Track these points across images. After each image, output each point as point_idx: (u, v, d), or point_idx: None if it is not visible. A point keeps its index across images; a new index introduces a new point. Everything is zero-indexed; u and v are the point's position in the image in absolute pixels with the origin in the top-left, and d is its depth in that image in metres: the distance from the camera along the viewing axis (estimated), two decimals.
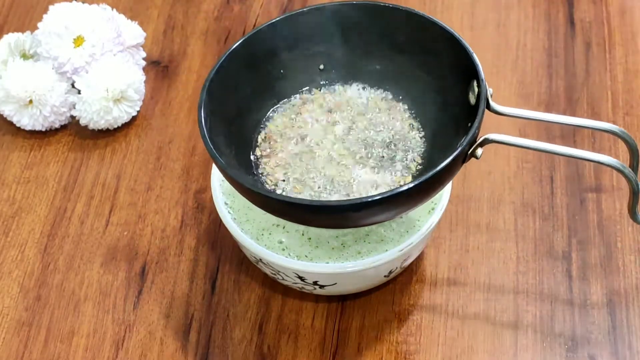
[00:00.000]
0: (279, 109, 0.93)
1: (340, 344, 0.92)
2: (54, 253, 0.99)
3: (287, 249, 0.91)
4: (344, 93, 0.93)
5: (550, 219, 0.99)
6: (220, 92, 0.87)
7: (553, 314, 0.92)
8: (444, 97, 0.89)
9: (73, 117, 1.08)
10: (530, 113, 0.85)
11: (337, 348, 0.92)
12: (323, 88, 0.94)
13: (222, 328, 0.93)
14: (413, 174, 0.88)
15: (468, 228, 0.98)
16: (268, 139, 0.91)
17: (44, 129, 1.07)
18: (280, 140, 0.91)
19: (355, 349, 0.91)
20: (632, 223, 0.97)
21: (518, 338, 0.91)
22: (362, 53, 0.93)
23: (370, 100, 0.92)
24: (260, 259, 0.89)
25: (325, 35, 0.92)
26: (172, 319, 0.94)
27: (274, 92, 0.93)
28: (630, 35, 1.13)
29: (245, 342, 0.92)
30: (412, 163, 0.89)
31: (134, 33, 1.09)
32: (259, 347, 0.92)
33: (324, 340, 0.92)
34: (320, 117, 0.92)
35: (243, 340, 0.92)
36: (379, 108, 0.92)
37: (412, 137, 0.90)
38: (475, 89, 0.85)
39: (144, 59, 1.11)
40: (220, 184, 0.93)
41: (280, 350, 0.92)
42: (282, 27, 0.91)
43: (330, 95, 0.93)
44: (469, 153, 0.83)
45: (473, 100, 0.85)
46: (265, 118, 0.92)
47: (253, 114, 0.92)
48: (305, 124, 0.91)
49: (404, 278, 0.95)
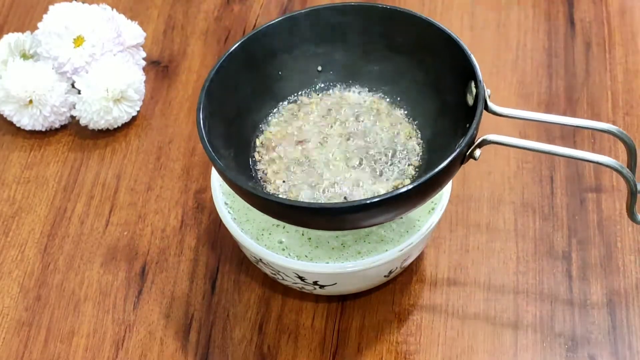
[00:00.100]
0: (277, 114, 0.92)
1: (340, 344, 0.92)
2: (54, 253, 0.99)
3: (287, 249, 0.91)
4: (342, 97, 0.93)
5: (550, 219, 0.98)
6: (219, 93, 0.87)
7: (553, 314, 0.92)
8: (443, 98, 0.89)
9: (73, 117, 1.08)
10: (528, 114, 0.85)
11: (337, 348, 0.92)
12: (321, 92, 0.94)
13: (222, 328, 0.93)
14: (412, 176, 0.88)
15: (468, 228, 0.98)
16: (266, 144, 0.91)
17: (44, 129, 1.07)
18: (278, 145, 0.90)
19: (355, 349, 0.91)
20: (632, 223, 0.97)
21: (518, 338, 0.91)
22: (360, 54, 0.93)
23: (368, 105, 0.92)
24: (260, 259, 0.89)
25: (324, 37, 0.92)
26: (172, 319, 0.94)
27: (273, 93, 0.93)
28: (630, 35, 1.13)
29: (245, 342, 0.92)
30: (409, 166, 0.89)
31: (134, 33, 1.09)
32: (259, 347, 0.92)
33: (324, 340, 0.92)
34: (318, 122, 0.92)
35: (243, 340, 0.92)
36: (377, 112, 0.92)
37: (410, 140, 0.90)
38: (473, 90, 0.85)
39: (144, 59, 1.11)
40: (220, 184, 0.93)
41: (280, 350, 0.92)
42: (280, 28, 0.91)
43: (328, 100, 0.93)
44: (467, 154, 0.83)
45: (471, 102, 0.85)
46: (264, 121, 0.92)
47: (252, 115, 0.92)
48: (303, 129, 0.91)
49: (404, 278, 0.95)
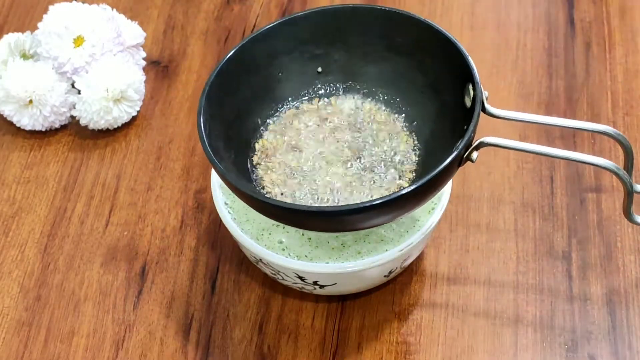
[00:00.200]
0: (275, 119, 0.93)
1: (340, 344, 0.92)
2: (54, 253, 0.99)
3: (287, 249, 0.91)
4: (340, 103, 0.93)
5: (550, 219, 0.98)
6: (220, 96, 0.87)
7: (553, 314, 0.92)
8: (441, 99, 0.90)
9: (73, 117, 1.08)
10: (525, 115, 0.85)
11: (337, 348, 0.92)
12: (319, 98, 0.94)
13: (222, 328, 0.93)
14: (409, 179, 0.88)
15: (468, 228, 0.98)
16: (263, 151, 0.91)
17: (44, 129, 1.07)
18: (275, 153, 0.90)
19: (355, 349, 0.91)
20: (632, 224, 0.97)
21: (518, 338, 0.91)
22: (360, 55, 0.93)
23: (365, 112, 0.92)
24: (260, 259, 0.89)
25: (323, 39, 0.92)
26: (172, 319, 0.94)
27: (274, 94, 0.93)
28: (630, 35, 1.13)
29: (245, 342, 0.92)
30: (406, 169, 0.89)
31: (134, 33, 1.09)
32: (259, 347, 0.92)
33: (324, 340, 0.92)
34: (315, 129, 0.92)
35: (243, 340, 0.92)
36: (374, 119, 0.92)
37: (407, 146, 0.90)
38: (471, 93, 0.85)
39: (144, 59, 1.11)
40: (220, 184, 0.93)
41: (280, 350, 0.92)
42: (280, 30, 0.91)
43: (325, 107, 0.93)
44: (465, 157, 0.83)
45: (469, 103, 0.85)
46: (264, 125, 0.92)
47: (253, 117, 0.92)
48: (299, 137, 0.91)
49: (404, 278, 0.95)
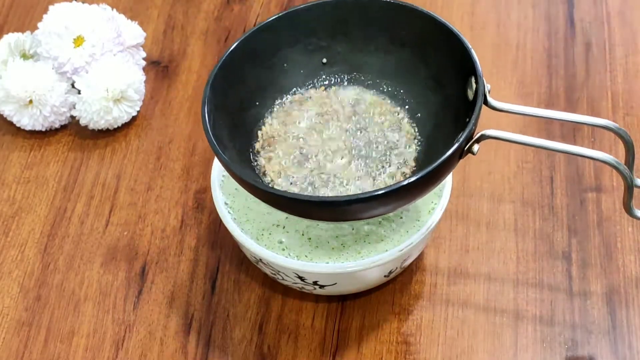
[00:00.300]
0: (278, 108, 0.93)
1: (340, 344, 0.92)
2: (54, 253, 0.99)
3: (287, 249, 0.91)
4: (342, 93, 0.93)
5: (550, 219, 0.98)
6: (224, 86, 0.88)
7: (553, 314, 0.92)
8: (444, 92, 0.90)
9: (73, 117, 1.08)
10: (527, 109, 0.85)
11: (337, 348, 0.92)
12: (322, 87, 0.94)
13: (222, 328, 0.93)
14: (411, 170, 0.88)
15: (468, 228, 0.98)
16: (266, 140, 0.91)
17: (44, 129, 1.07)
18: (277, 142, 0.91)
19: (355, 349, 0.91)
20: (632, 223, 0.97)
21: (518, 338, 0.91)
22: (363, 47, 0.93)
23: (368, 102, 0.93)
24: (260, 259, 0.89)
25: (328, 30, 0.92)
26: (172, 319, 0.94)
27: (278, 86, 0.93)
28: (630, 35, 1.13)
29: (245, 342, 0.92)
30: (407, 161, 0.89)
31: (134, 33, 1.09)
32: (259, 347, 0.92)
33: (324, 340, 0.92)
34: (318, 117, 0.92)
35: (243, 340, 0.92)
36: (377, 110, 0.92)
37: (408, 137, 0.90)
38: (473, 85, 0.85)
39: (144, 59, 1.11)
40: (220, 184, 0.93)
41: (280, 350, 0.91)
42: (285, 22, 0.91)
43: (328, 95, 0.93)
44: (466, 149, 0.83)
45: (471, 96, 0.85)
46: (266, 115, 0.92)
47: (257, 108, 0.92)
48: (302, 126, 0.91)
49: (404, 278, 0.95)
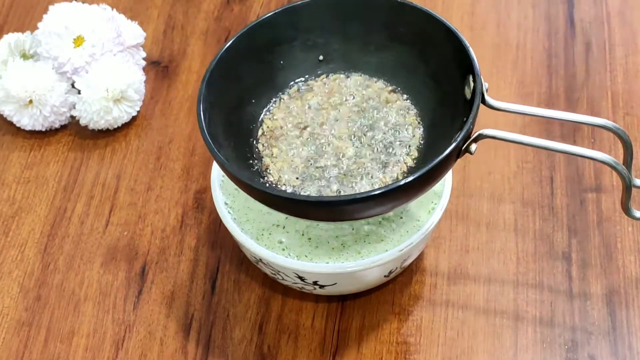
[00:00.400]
0: (277, 103, 0.93)
1: (340, 344, 0.92)
2: (54, 253, 0.99)
3: (287, 249, 0.91)
4: (343, 86, 0.93)
5: (550, 219, 0.98)
6: (220, 84, 0.88)
7: (553, 315, 0.92)
8: (442, 90, 0.89)
9: (73, 117, 1.08)
10: (524, 108, 0.85)
11: (337, 348, 0.92)
12: (321, 79, 0.94)
13: (222, 328, 0.93)
14: (410, 167, 0.88)
15: (468, 228, 0.98)
16: (267, 134, 0.91)
17: (44, 129, 1.07)
18: (278, 135, 0.90)
19: (355, 349, 0.91)
20: (632, 223, 0.97)
21: (518, 338, 0.91)
22: (361, 44, 0.93)
23: (369, 93, 0.92)
24: (260, 259, 0.89)
25: (325, 27, 0.92)
26: (172, 319, 0.94)
27: (274, 83, 0.93)
28: (630, 35, 1.13)
29: (245, 342, 0.92)
30: (408, 156, 0.89)
31: (134, 33, 1.09)
32: (259, 347, 0.92)
33: (324, 340, 0.92)
34: (318, 110, 0.92)
35: (243, 340, 0.92)
36: (378, 101, 0.92)
37: (409, 130, 0.90)
38: (471, 84, 0.85)
39: (144, 59, 1.11)
40: (220, 184, 0.93)
41: (280, 350, 0.92)
42: (282, 18, 0.91)
43: (329, 88, 0.93)
44: (463, 149, 0.83)
45: (469, 95, 0.85)
46: (264, 111, 0.92)
47: (254, 105, 0.92)
48: (303, 118, 0.91)
49: (404, 278, 0.95)
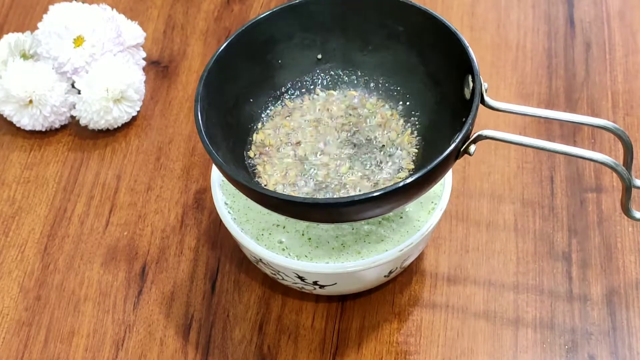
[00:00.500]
0: (271, 112, 0.92)
1: (340, 344, 0.92)
2: (54, 253, 0.99)
3: (287, 249, 0.91)
4: (339, 95, 0.93)
5: (551, 220, 0.98)
6: (218, 83, 0.87)
7: (553, 315, 0.92)
8: (442, 90, 0.89)
9: (73, 117, 1.08)
10: (523, 108, 0.85)
11: (337, 348, 0.92)
12: (317, 90, 0.94)
13: (222, 328, 0.93)
14: (409, 169, 0.88)
15: (468, 228, 0.98)
16: (261, 143, 0.91)
17: (44, 129, 1.07)
18: (274, 143, 0.90)
19: (355, 349, 0.91)
20: (632, 223, 0.97)
21: (518, 339, 0.91)
22: (360, 43, 0.93)
23: (365, 102, 0.92)
24: (260, 259, 0.89)
25: (324, 25, 0.92)
26: (172, 319, 0.94)
27: (273, 82, 0.93)
28: (630, 35, 1.13)
29: (245, 342, 0.92)
30: (406, 159, 0.89)
31: (134, 33, 1.09)
32: (259, 347, 0.92)
33: (324, 341, 0.92)
34: (314, 119, 0.92)
35: (243, 340, 0.92)
36: (372, 111, 0.92)
37: (405, 137, 0.90)
38: (471, 84, 0.84)
39: (144, 59, 1.11)
40: (220, 184, 0.93)
41: (280, 351, 0.92)
42: (279, 17, 0.91)
43: (324, 97, 0.93)
44: (462, 150, 0.83)
45: (468, 95, 0.85)
46: (262, 116, 0.92)
47: (252, 104, 0.92)
48: (296, 130, 0.91)
49: (404, 278, 0.95)
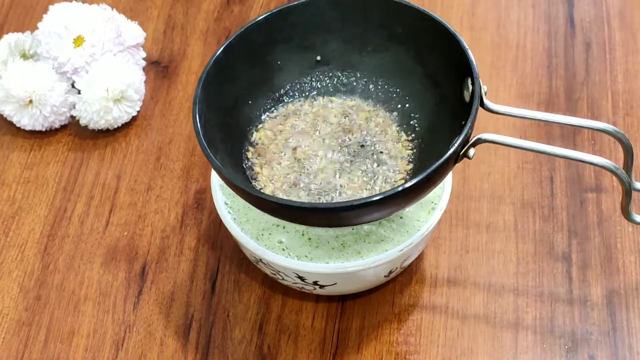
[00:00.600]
0: (270, 115, 0.92)
1: (340, 344, 0.92)
2: (54, 253, 0.99)
3: (287, 249, 0.91)
4: (336, 99, 0.93)
5: (550, 220, 0.98)
6: (217, 85, 0.87)
7: (553, 315, 0.92)
8: (441, 92, 0.89)
9: (73, 117, 1.08)
10: (523, 111, 0.85)
11: (337, 348, 0.92)
12: (316, 95, 0.93)
13: (222, 328, 0.93)
14: (407, 171, 0.88)
15: (468, 229, 0.98)
16: (259, 146, 0.91)
17: (44, 129, 1.07)
18: (271, 146, 0.90)
19: (355, 349, 0.91)
20: (632, 224, 0.97)
21: (518, 339, 0.91)
22: (359, 44, 0.93)
23: (363, 107, 0.92)
24: (260, 259, 0.89)
25: (322, 28, 0.92)
26: (172, 319, 0.94)
27: (272, 84, 0.93)
28: (630, 35, 1.13)
29: (245, 342, 0.92)
30: (405, 161, 0.89)
31: (134, 33, 1.09)
32: (259, 347, 0.92)
33: (324, 341, 0.92)
34: (312, 123, 0.92)
35: (243, 340, 0.92)
36: (370, 116, 0.92)
37: (403, 142, 0.90)
38: (470, 87, 0.84)
39: (144, 59, 1.11)
40: (220, 184, 0.93)
41: (280, 351, 0.92)
42: (278, 19, 0.91)
43: (324, 102, 0.93)
44: (461, 153, 0.82)
45: (468, 98, 0.85)
46: (260, 119, 0.92)
47: (250, 107, 0.92)
48: (296, 131, 0.91)
49: (404, 278, 0.95)
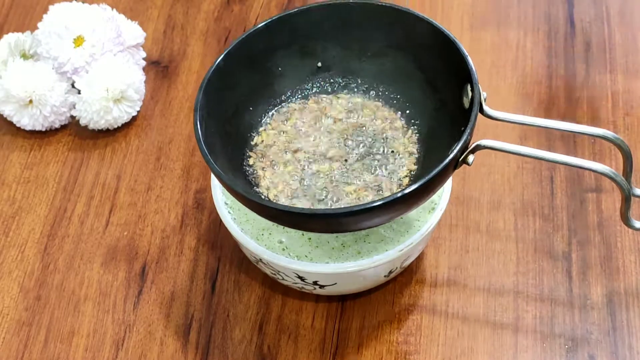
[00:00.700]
0: (271, 118, 0.92)
1: (340, 344, 0.92)
2: (54, 253, 0.99)
3: (287, 249, 0.91)
4: (338, 101, 0.93)
5: (550, 220, 0.98)
6: (218, 91, 0.87)
7: (553, 315, 0.92)
8: (440, 98, 0.89)
9: (73, 117, 1.08)
10: (522, 118, 0.85)
11: (337, 348, 0.92)
12: (318, 94, 0.93)
13: (222, 328, 0.93)
14: (408, 178, 0.88)
15: (468, 229, 0.98)
16: (258, 152, 0.91)
17: (44, 129, 1.07)
18: (273, 151, 0.90)
19: (355, 349, 0.91)
20: None
21: (518, 339, 0.91)
22: (359, 51, 0.93)
23: (365, 109, 0.92)
24: (260, 259, 0.89)
25: (323, 34, 0.92)
26: (172, 319, 0.94)
27: (272, 90, 0.93)
28: (630, 35, 1.13)
29: (245, 342, 0.92)
30: (405, 168, 0.89)
31: (134, 33, 1.09)
32: (259, 347, 0.92)
33: (324, 341, 0.92)
34: (313, 125, 0.92)
35: (243, 340, 0.92)
36: (373, 116, 0.92)
37: (405, 144, 0.90)
38: (469, 93, 0.84)
39: (144, 59, 1.11)
40: (220, 185, 0.93)
41: (280, 350, 0.92)
42: (279, 26, 0.91)
43: (323, 103, 0.93)
44: (461, 160, 0.82)
45: (467, 104, 0.85)
46: (261, 122, 0.92)
47: (251, 113, 0.92)
48: (298, 133, 0.91)
49: (404, 278, 0.95)
